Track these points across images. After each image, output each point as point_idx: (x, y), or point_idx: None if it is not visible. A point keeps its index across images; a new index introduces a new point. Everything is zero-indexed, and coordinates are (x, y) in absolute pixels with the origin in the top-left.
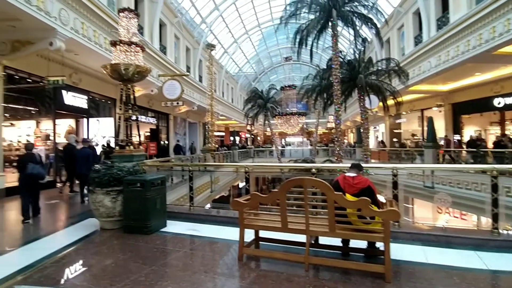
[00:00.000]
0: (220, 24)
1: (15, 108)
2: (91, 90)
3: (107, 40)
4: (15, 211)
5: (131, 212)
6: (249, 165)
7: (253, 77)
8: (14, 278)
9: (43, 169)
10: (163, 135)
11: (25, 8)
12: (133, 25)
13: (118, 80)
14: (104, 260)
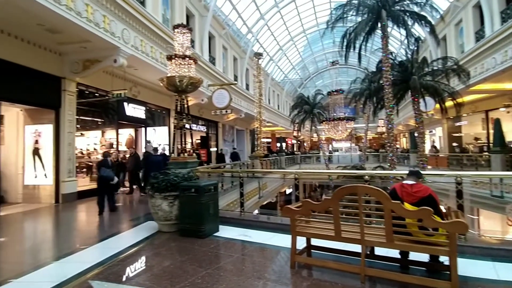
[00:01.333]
0: (266, 32)
1: (84, 120)
2: (148, 101)
3: (162, 55)
4: (85, 212)
5: (186, 216)
6: (299, 172)
7: (298, 83)
8: (89, 273)
9: (113, 172)
10: (213, 142)
11: (95, 31)
12: (186, 39)
13: (173, 92)
14: (163, 261)
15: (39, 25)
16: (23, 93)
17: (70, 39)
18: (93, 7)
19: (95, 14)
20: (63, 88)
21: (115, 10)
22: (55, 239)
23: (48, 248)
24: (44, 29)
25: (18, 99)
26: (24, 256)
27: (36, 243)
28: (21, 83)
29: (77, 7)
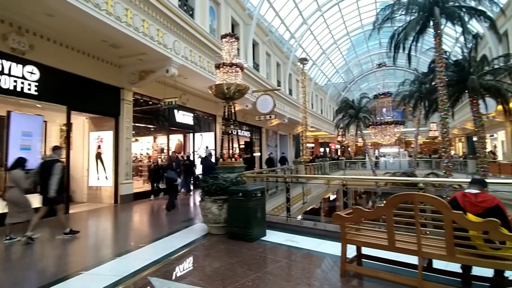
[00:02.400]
0: (308, 37)
1: (138, 126)
2: (196, 108)
3: (209, 63)
4: (140, 213)
5: (234, 219)
6: (347, 178)
7: (342, 87)
8: (147, 270)
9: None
10: (256, 147)
11: (150, 44)
12: (233, 48)
13: (221, 99)
14: (214, 262)
15: (104, 42)
16: (89, 103)
17: (129, 53)
18: (148, 22)
19: (150, 28)
20: (122, 98)
21: (167, 23)
22: (116, 237)
23: (110, 245)
24: (108, 45)
25: (85, 109)
26: (91, 251)
27: (100, 240)
28: (87, 94)
29: (135, 23)
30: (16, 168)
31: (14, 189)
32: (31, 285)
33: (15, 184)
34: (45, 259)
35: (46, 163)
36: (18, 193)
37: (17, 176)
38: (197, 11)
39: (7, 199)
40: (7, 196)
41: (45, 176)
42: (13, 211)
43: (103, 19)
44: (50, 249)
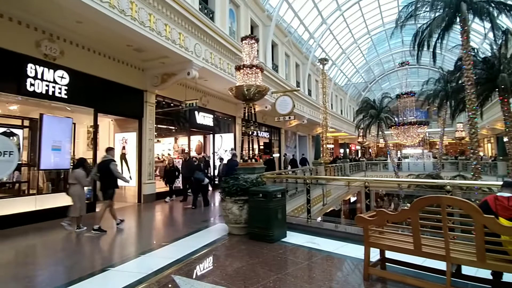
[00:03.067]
0: (328, 37)
1: (160, 128)
2: (216, 109)
3: (229, 65)
4: (162, 212)
5: (255, 220)
6: (369, 180)
7: (363, 87)
8: (170, 268)
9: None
10: (275, 148)
11: (172, 47)
12: (253, 49)
13: (241, 100)
14: (235, 262)
15: (128, 46)
16: (114, 105)
17: (152, 56)
18: (170, 26)
19: (172, 32)
20: (145, 100)
21: (189, 27)
22: (140, 235)
23: (135, 243)
24: (132, 49)
25: (110, 111)
26: (118, 248)
27: (126, 237)
28: (113, 97)
29: (158, 27)
30: (78, 168)
31: (76, 185)
32: (61, 279)
33: (77, 181)
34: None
35: (103, 163)
36: (80, 189)
37: (79, 175)
38: (217, 14)
39: (71, 194)
40: (71, 191)
41: (103, 174)
42: (75, 205)
43: (128, 24)
44: (85, 243)
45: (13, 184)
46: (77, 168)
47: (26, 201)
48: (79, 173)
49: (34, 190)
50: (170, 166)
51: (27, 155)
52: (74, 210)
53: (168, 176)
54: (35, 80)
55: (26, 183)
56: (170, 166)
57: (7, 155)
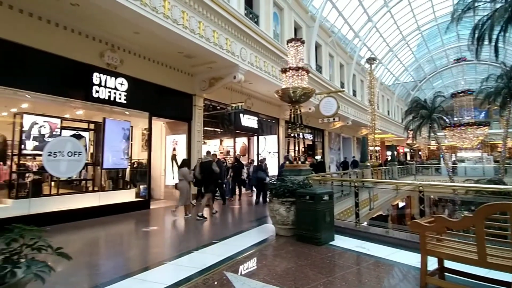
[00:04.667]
0: (374, 35)
1: (207, 130)
2: (260, 112)
3: (273, 68)
4: (207, 211)
5: (302, 222)
6: (424, 184)
7: (412, 86)
8: (222, 265)
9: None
10: (319, 150)
11: (220, 52)
12: (299, 51)
13: (287, 102)
14: (284, 262)
15: (179, 53)
16: (166, 109)
17: (200, 62)
18: (218, 32)
19: (220, 38)
20: (194, 104)
21: (235, 32)
22: (191, 232)
23: (187, 239)
24: (183, 56)
25: (163, 114)
26: (172, 243)
27: (178, 234)
28: (165, 101)
29: (207, 34)
30: (184, 167)
31: (183, 181)
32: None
33: (183, 178)
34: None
35: (205, 163)
36: (186, 184)
37: (185, 172)
38: (262, 17)
39: (179, 187)
40: (179, 186)
41: (205, 172)
42: (182, 197)
43: (180, 32)
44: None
45: (79, 181)
46: (183, 167)
47: (91, 197)
48: (185, 171)
49: (97, 187)
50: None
51: (92, 155)
52: (181, 200)
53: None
54: (99, 87)
55: (91, 180)
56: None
57: (76, 155)
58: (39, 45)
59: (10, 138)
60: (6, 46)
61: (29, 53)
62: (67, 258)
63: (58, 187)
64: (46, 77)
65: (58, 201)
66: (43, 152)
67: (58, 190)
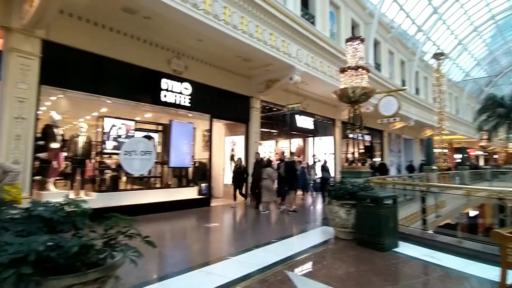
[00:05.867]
0: (439, 28)
1: (263, 131)
2: (315, 112)
3: (330, 68)
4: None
5: (363, 226)
6: (504, 191)
7: (485, 82)
8: (282, 264)
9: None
10: (377, 152)
11: (277, 55)
12: (358, 50)
13: (346, 103)
14: (345, 266)
15: (238, 57)
16: (225, 111)
17: (258, 64)
18: (275, 34)
19: (277, 40)
20: (251, 106)
21: (291, 34)
22: (251, 230)
23: (248, 237)
24: (241, 59)
25: (222, 116)
26: (233, 240)
27: (238, 231)
28: (224, 104)
29: (264, 37)
30: (268, 167)
31: (268, 180)
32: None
33: (268, 176)
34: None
35: (289, 163)
36: (270, 182)
37: (270, 172)
38: (318, 17)
39: (264, 185)
40: (264, 184)
41: (288, 171)
42: (266, 194)
43: (239, 37)
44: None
45: (148, 178)
46: (267, 167)
47: (158, 193)
48: (270, 170)
49: (164, 184)
50: (237, 167)
51: (160, 155)
52: (266, 197)
53: (235, 178)
54: (167, 91)
55: (159, 178)
56: (237, 168)
57: (147, 155)
58: (117, 56)
59: (93, 138)
60: (91, 58)
61: (108, 63)
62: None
63: (131, 183)
64: (122, 83)
65: (130, 196)
66: (120, 151)
67: (131, 186)
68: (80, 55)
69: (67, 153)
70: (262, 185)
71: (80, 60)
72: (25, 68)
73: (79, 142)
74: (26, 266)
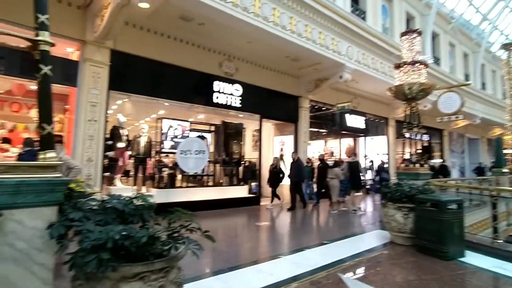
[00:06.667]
0: (508, 16)
1: (312, 131)
2: (367, 111)
3: (382, 64)
4: (317, 211)
5: (423, 232)
6: None
7: None
8: (336, 266)
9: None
10: (436, 153)
11: (326, 53)
12: (415, 44)
13: (401, 100)
14: (403, 273)
15: (286, 57)
16: (274, 111)
17: (306, 64)
18: (324, 33)
19: (326, 38)
20: (299, 105)
21: (341, 31)
22: (302, 230)
23: (298, 237)
24: (290, 59)
25: (271, 116)
26: (284, 239)
27: (288, 231)
28: (273, 104)
29: (313, 36)
30: (335, 167)
31: (335, 179)
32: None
33: (335, 176)
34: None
35: (353, 163)
36: (337, 182)
37: (337, 172)
38: (369, 13)
39: (331, 185)
40: (331, 183)
41: (352, 172)
42: (333, 194)
43: (288, 37)
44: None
45: (202, 177)
46: (335, 167)
47: (210, 191)
48: (337, 171)
49: (215, 183)
50: (273, 167)
51: (212, 154)
52: (334, 196)
53: (271, 178)
54: (219, 93)
55: (211, 176)
56: (273, 168)
57: (201, 154)
58: (174, 61)
59: (153, 139)
60: (151, 64)
61: (166, 68)
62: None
63: (186, 181)
64: (178, 87)
65: (185, 193)
66: (177, 151)
67: (186, 183)
68: (142, 62)
69: (131, 152)
70: (329, 184)
71: (142, 66)
72: (97, 76)
73: (141, 142)
74: (105, 252)
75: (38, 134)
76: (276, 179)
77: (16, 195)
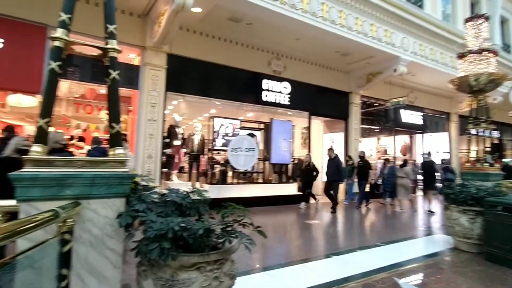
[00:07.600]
0: None
1: (363, 128)
2: (425, 106)
3: (443, 55)
4: (368, 211)
5: (494, 238)
6: None
7: None
8: (390, 270)
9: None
10: (508, 151)
11: (379, 46)
12: (481, 30)
13: (466, 93)
14: (469, 282)
15: (336, 52)
16: (323, 108)
17: (357, 58)
18: (376, 25)
19: (378, 30)
20: (350, 101)
21: (395, 22)
22: (354, 231)
23: (351, 237)
24: (339, 55)
25: (321, 113)
26: (335, 239)
27: (340, 230)
28: (322, 101)
29: (364, 29)
30: (405, 166)
31: (405, 178)
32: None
33: (406, 175)
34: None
35: (426, 163)
36: (407, 181)
37: (408, 171)
38: (427, 0)
39: (400, 184)
40: (400, 182)
41: (426, 172)
42: (402, 192)
43: (337, 32)
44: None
45: (251, 173)
46: (405, 166)
47: (259, 187)
48: (408, 170)
49: (265, 180)
50: (306, 165)
51: (262, 151)
52: (402, 195)
53: (304, 177)
54: (267, 91)
55: (260, 173)
56: (306, 166)
57: (251, 151)
58: (224, 62)
59: (206, 137)
60: (203, 65)
61: (217, 69)
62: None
63: (237, 178)
64: (228, 86)
65: (236, 189)
66: (228, 148)
67: (236, 180)
68: (195, 64)
69: (186, 149)
70: (399, 183)
71: (195, 68)
72: (155, 79)
73: (195, 140)
74: (166, 241)
75: (108, 132)
76: (309, 177)
77: (92, 186)
